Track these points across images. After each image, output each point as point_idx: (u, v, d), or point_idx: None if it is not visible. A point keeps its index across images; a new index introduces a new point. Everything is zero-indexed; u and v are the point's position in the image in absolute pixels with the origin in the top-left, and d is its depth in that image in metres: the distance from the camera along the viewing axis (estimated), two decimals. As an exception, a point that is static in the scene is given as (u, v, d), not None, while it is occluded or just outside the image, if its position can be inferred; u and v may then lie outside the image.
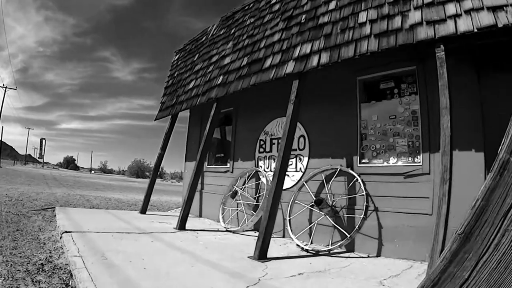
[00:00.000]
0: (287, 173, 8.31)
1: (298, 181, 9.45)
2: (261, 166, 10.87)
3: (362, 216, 7.40)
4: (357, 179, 7.93)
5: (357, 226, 7.35)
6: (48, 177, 42.21)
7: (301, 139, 9.62)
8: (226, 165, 12.59)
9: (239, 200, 10.56)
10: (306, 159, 9.47)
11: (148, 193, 13.16)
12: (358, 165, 8.22)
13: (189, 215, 10.56)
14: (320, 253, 7.50)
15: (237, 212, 10.97)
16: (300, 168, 9.55)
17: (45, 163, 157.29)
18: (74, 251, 6.08)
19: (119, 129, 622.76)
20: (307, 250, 7.73)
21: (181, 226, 9.77)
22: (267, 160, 10.71)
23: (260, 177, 10.72)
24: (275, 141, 10.59)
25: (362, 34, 6.90)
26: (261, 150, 11.03)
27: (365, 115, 8.43)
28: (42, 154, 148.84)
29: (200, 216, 13.31)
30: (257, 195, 10.58)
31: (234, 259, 6.62)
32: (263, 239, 6.86)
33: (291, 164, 9.67)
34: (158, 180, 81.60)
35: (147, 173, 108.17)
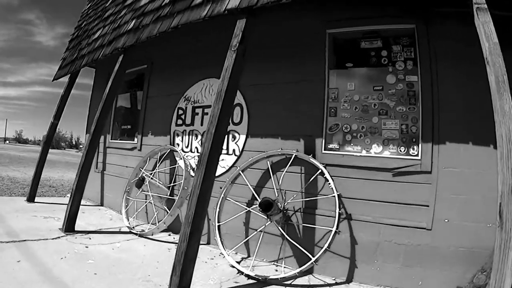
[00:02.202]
0: None
1: (231, 167, 6.73)
2: (178, 144, 7.93)
3: (333, 229, 4.95)
4: (321, 173, 5.46)
5: (326, 245, 4.90)
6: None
7: (237, 109, 6.77)
8: (133, 140, 9.48)
9: (147, 191, 7.45)
10: (243, 137, 6.69)
11: (36, 174, 9.82)
12: (323, 151, 5.75)
13: (88, 203, 9.07)
14: (268, 280, 5.02)
15: (146, 205, 8.06)
16: (234, 151, 6.78)
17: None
18: None
19: (39, 96, 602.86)
20: (248, 276, 5.13)
21: (69, 227, 6.78)
22: (187, 136, 7.79)
23: (177, 159, 7.81)
24: (199, 110, 7.66)
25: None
26: (179, 122, 8.04)
27: (337, 81, 5.95)
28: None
29: (102, 204, 10.12)
30: (172, 184, 7.66)
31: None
32: (182, 271, 4.15)
33: (222, 144, 7.00)
34: (73, 151, 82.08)
35: (62, 144, 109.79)
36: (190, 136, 7.70)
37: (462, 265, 4.52)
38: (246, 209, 6.10)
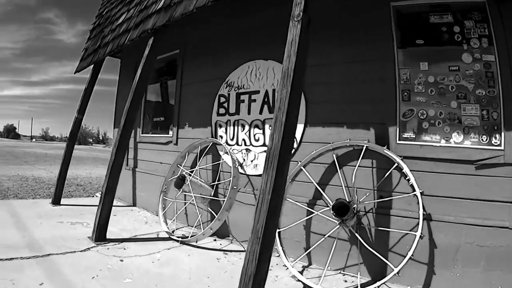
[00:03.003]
0: (266, 148, 5.14)
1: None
2: (221, 137, 7.05)
3: (418, 233, 4.09)
4: (397, 167, 4.63)
5: (410, 253, 4.04)
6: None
7: None
8: (168, 133, 8.61)
9: (189, 191, 6.48)
10: (300, 127, 5.70)
11: (61, 174, 9.01)
12: (398, 141, 4.84)
13: (120, 204, 8.54)
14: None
15: (186, 206, 7.15)
16: None
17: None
18: None
19: (63, 94, 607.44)
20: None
21: (100, 236, 5.94)
22: (232, 127, 6.87)
23: (221, 153, 6.89)
24: (244, 97, 6.71)
25: None
26: (222, 111, 7.11)
27: (407, 61, 5.03)
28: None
29: (134, 204, 9.34)
30: (216, 182, 6.78)
31: None
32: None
33: (274, 135, 6.10)
34: (100, 147, 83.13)
35: (89, 140, 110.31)
36: (235, 127, 6.82)
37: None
38: (314, 212, 5.20)
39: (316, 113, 5.60)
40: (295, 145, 5.70)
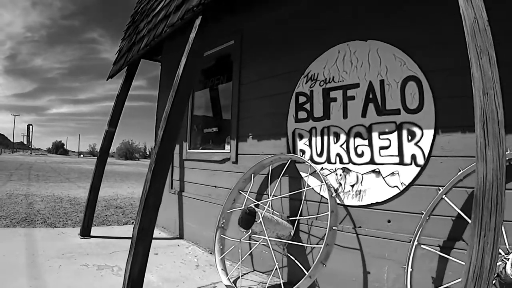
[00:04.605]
0: (375, 167, 4.07)
1: (409, 186, 3.79)
2: (303, 151, 4.98)
3: None
4: None
5: None
6: (24, 166, 35.81)
7: (411, 86, 3.84)
8: (224, 148, 6.77)
9: (260, 232, 4.41)
10: (428, 134, 3.70)
11: (90, 200, 7.33)
12: None
13: (163, 234, 7.56)
14: None
15: (251, 243, 5.26)
16: (414, 157, 3.79)
17: (37, 149, 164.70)
18: None
19: (110, 111, 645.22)
20: None
21: (132, 296, 4.06)
22: (319, 137, 4.77)
23: (303, 175, 4.97)
24: (336, 93, 4.60)
25: None
26: (302, 115, 5.01)
27: None
28: (30, 140, 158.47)
29: (181, 237, 7.54)
30: (297, 218, 4.82)
31: None
32: None
33: (387, 147, 4.06)
34: (147, 162, 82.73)
35: (136, 155, 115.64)
36: (325, 137, 4.75)
37: None
38: (448, 258, 3.10)
39: (453, 112, 3.57)
40: (421, 161, 3.76)
